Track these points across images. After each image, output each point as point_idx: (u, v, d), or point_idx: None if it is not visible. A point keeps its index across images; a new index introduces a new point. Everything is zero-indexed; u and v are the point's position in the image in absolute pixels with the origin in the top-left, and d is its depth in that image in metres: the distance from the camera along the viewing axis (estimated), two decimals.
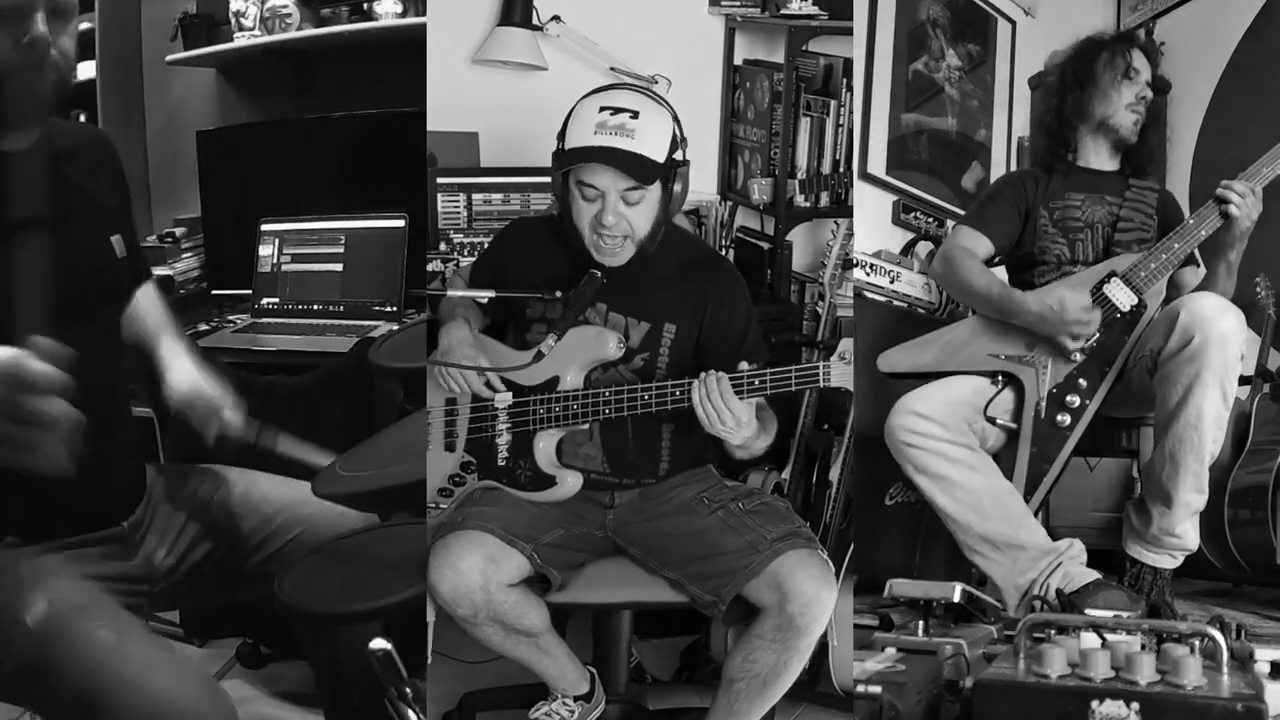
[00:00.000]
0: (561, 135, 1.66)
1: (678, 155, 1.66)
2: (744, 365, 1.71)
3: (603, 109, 1.62)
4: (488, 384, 1.70)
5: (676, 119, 1.67)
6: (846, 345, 1.59)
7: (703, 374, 1.58)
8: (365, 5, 2.62)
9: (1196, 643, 1.41)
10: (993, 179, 2.98)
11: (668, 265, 1.74)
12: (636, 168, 1.60)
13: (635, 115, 1.61)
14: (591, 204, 1.63)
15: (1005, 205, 2.17)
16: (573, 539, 1.71)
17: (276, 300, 2.58)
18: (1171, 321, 1.83)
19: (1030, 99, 3.02)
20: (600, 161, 1.60)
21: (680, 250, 1.78)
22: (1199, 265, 2.13)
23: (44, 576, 1.36)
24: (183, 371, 1.57)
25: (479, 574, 1.56)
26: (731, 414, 1.56)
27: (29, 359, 1.05)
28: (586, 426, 1.70)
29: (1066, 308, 1.93)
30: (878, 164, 2.81)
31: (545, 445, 1.71)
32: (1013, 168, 3.06)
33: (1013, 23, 3.12)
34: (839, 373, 1.57)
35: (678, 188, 1.67)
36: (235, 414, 1.55)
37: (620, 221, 1.63)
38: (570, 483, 1.70)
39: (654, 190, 1.64)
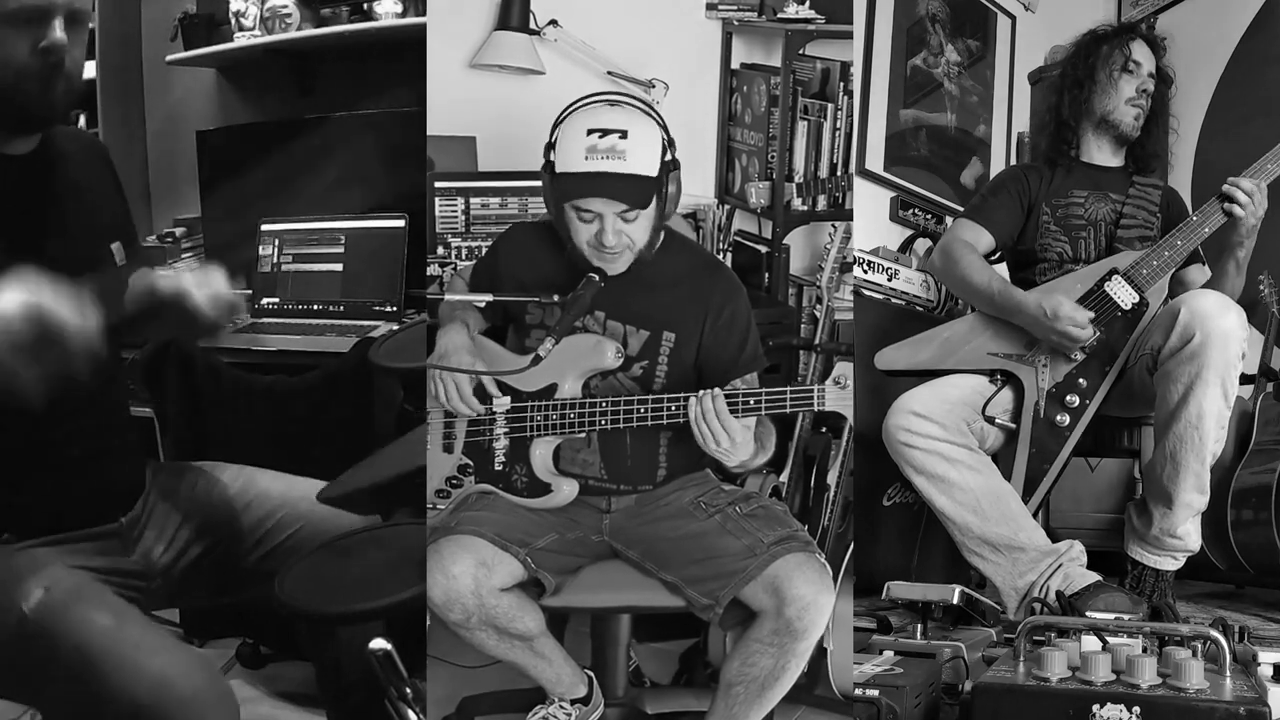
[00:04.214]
0: (549, 148, 1.65)
1: (668, 157, 1.65)
2: (738, 383, 1.70)
3: (591, 131, 1.60)
4: (479, 392, 1.70)
5: (663, 124, 1.66)
6: (844, 369, 1.58)
7: (700, 393, 1.57)
8: (365, 5, 2.62)
9: (1199, 645, 1.41)
10: (992, 175, 2.97)
11: (667, 272, 1.73)
12: (633, 193, 1.60)
13: (624, 135, 1.59)
14: (589, 225, 1.63)
15: (1007, 199, 2.15)
16: (568, 543, 1.70)
17: (276, 300, 2.58)
18: (1172, 319, 1.82)
19: (1030, 94, 3.01)
20: (596, 193, 1.60)
21: (680, 256, 1.77)
22: (1204, 264, 2.11)
23: (38, 567, 1.37)
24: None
25: (470, 579, 1.55)
26: (728, 435, 1.56)
27: (54, 305, 1.07)
28: (584, 435, 1.70)
29: (1060, 316, 1.92)
30: (875, 160, 2.80)
31: (542, 453, 1.70)
32: (1012, 163, 3.05)
33: (1012, 17, 3.11)
34: (834, 397, 1.57)
35: (671, 189, 1.66)
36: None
37: (620, 238, 1.63)
38: (566, 491, 1.70)
39: (651, 202, 1.64)
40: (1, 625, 1.32)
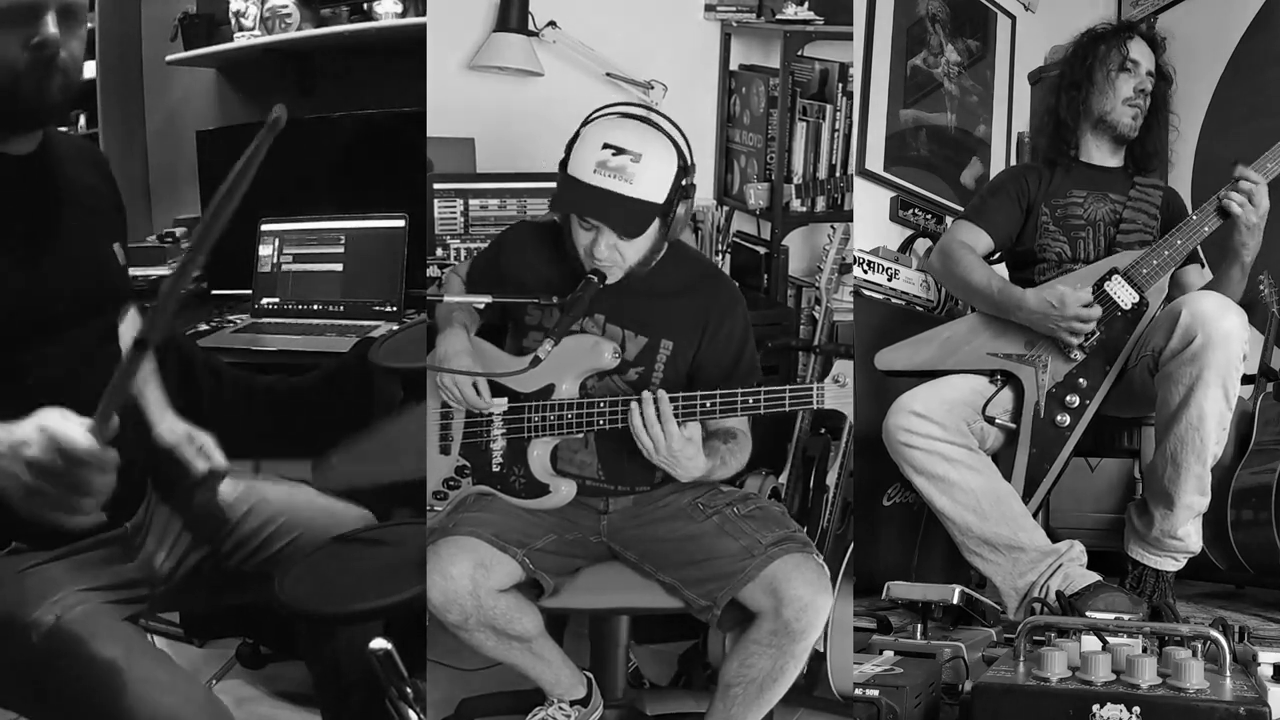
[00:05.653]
0: (570, 146, 1.64)
1: (685, 182, 1.64)
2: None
3: (606, 146, 1.59)
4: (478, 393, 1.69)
5: (683, 147, 1.64)
6: (843, 368, 1.57)
7: (643, 395, 1.56)
8: (365, 5, 2.62)
9: (1199, 645, 1.41)
10: (992, 175, 2.97)
11: (668, 281, 1.73)
12: (628, 221, 1.59)
13: (637, 159, 1.58)
14: (588, 232, 1.63)
15: (1006, 200, 2.15)
16: (566, 544, 1.71)
17: (276, 300, 2.58)
18: (1173, 321, 1.82)
19: (1030, 94, 3.01)
20: (592, 214, 1.60)
21: (681, 266, 1.77)
22: (1203, 265, 2.11)
23: (50, 589, 1.36)
24: (170, 420, 1.58)
25: (469, 580, 1.56)
26: (665, 440, 1.55)
27: (80, 433, 1.08)
28: (581, 435, 1.70)
29: (1067, 303, 1.92)
30: (875, 160, 2.80)
31: (540, 453, 1.70)
32: (1012, 163, 3.05)
33: (1012, 17, 3.11)
34: (833, 395, 1.57)
35: (680, 211, 1.65)
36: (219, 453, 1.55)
37: (612, 253, 1.63)
38: (564, 491, 1.70)
39: (650, 226, 1.63)
40: (13, 647, 1.32)
